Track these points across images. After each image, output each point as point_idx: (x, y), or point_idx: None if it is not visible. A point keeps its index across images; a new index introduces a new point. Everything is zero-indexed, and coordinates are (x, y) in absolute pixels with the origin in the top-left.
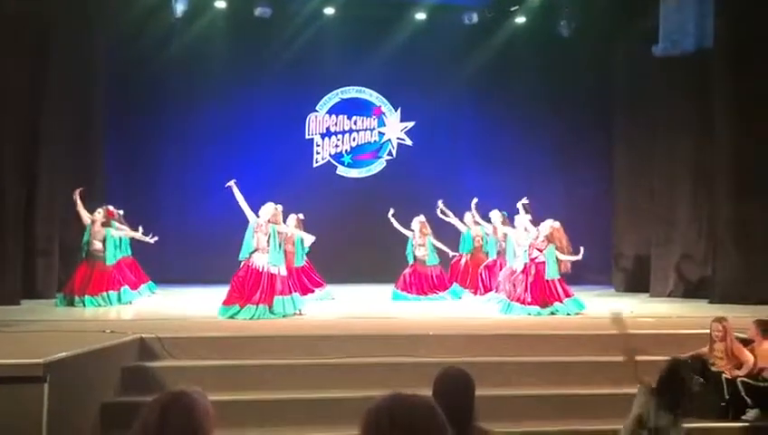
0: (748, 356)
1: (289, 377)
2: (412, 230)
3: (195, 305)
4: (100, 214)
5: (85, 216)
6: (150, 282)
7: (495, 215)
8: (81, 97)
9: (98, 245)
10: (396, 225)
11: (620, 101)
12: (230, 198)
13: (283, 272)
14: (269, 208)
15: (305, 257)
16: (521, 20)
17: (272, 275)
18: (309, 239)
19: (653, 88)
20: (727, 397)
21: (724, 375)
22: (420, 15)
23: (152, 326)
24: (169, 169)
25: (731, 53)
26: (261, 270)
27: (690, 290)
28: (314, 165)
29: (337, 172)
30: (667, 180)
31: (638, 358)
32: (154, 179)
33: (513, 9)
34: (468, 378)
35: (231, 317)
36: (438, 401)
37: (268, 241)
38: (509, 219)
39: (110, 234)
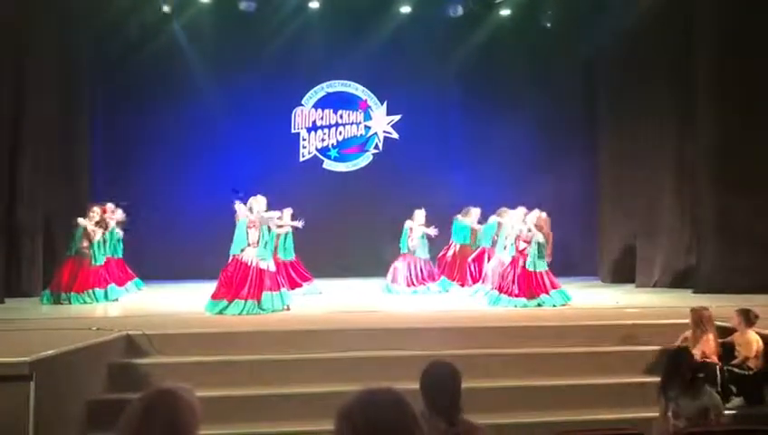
0: (709, 344)
1: (276, 372)
2: (412, 220)
3: (181, 302)
4: (96, 213)
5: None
6: (137, 279)
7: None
8: (65, 93)
9: (86, 243)
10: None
11: (606, 92)
12: (216, 194)
13: (272, 267)
14: (263, 202)
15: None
16: (506, 12)
17: (260, 270)
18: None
19: (637, 78)
20: (719, 388)
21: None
22: (405, 8)
23: (139, 323)
24: (154, 164)
25: (713, 42)
26: (249, 265)
27: (675, 280)
28: (301, 159)
29: (323, 166)
30: (650, 171)
31: (626, 348)
32: (138, 175)
33: (498, 1)
34: (455, 370)
35: (219, 313)
36: (425, 394)
37: (259, 236)
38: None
39: (98, 242)
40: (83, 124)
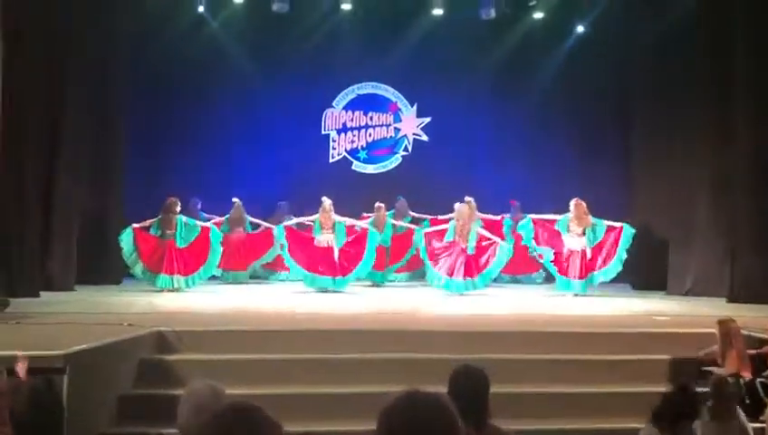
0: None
1: (306, 371)
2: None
3: (212, 299)
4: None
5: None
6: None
7: None
8: (101, 94)
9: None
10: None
11: (639, 98)
12: (247, 194)
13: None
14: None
15: None
16: (539, 15)
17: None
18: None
19: (672, 84)
20: (747, 399)
21: (742, 377)
22: (437, 11)
23: (170, 320)
24: (186, 165)
25: (751, 51)
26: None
27: (708, 288)
28: (330, 160)
29: (352, 168)
30: (685, 178)
31: (653, 356)
32: (171, 177)
33: (531, 4)
34: (483, 375)
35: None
36: (453, 399)
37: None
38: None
39: (181, 220)
40: (119, 124)
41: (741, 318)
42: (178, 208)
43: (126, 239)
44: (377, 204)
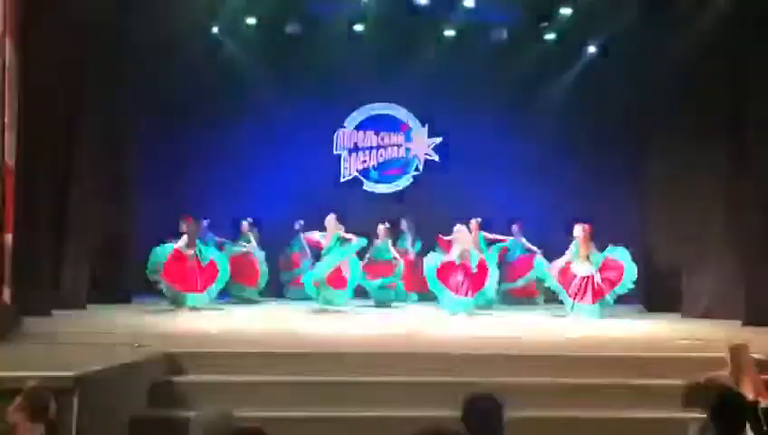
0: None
1: (318, 394)
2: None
3: (224, 320)
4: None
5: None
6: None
7: None
8: (116, 114)
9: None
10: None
11: (653, 118)
12: (259, 213)
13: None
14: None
15: None
16: (551, 36)
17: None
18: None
19: (686, 104)
20: (765, 426)
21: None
22: (449, 32)
23: (181, 341)
24: (198, 185)
25: (764, 70)
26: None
27: (723, 310)
28: (341, 180)
29: (364, 187)
30: (699, 197)
31: (667, 381)
32: (183, 196)
33: (542, 25)
34: (497, 401)
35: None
36: (468, 425)
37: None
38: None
39: (200, 242)
40: (133, 144)
41: (755, 342)
42: (196, 228)
43: (160, 255)
44: (380, 226)
